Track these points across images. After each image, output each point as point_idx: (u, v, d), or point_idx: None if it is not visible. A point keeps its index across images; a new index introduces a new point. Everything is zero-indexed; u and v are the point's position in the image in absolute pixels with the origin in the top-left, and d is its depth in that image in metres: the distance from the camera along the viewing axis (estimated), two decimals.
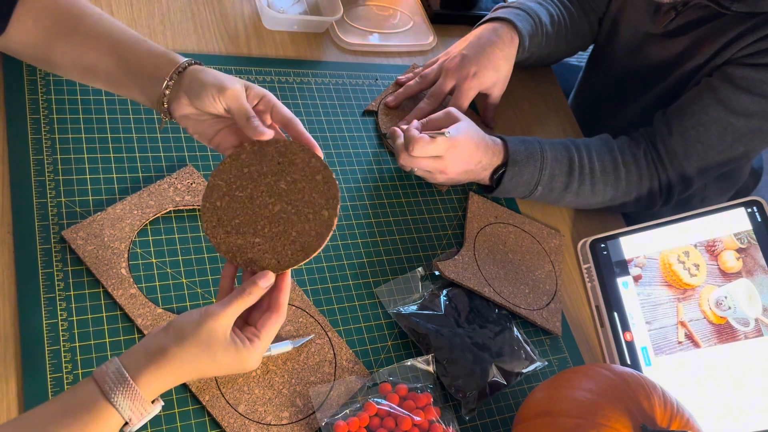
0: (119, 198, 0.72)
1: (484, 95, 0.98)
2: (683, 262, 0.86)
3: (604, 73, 1.14)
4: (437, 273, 0.82)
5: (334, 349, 0.73)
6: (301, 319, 0.73)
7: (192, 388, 0.65)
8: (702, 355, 0.81)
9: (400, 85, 0.99)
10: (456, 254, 0.85)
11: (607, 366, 0.69)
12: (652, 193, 0.95)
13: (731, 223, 0.84)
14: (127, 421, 0.52)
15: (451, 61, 0.93)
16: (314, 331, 0.73)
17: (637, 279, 0.89)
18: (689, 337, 0.83)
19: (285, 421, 0.66)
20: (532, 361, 0.79)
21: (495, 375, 0.75)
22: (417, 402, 0.70)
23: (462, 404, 0.73)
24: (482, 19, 1.00)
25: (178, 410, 0.64)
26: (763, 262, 0.80)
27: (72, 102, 0.77)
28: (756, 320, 0.79)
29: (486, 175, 0.89)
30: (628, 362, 0.85)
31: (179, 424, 0.63)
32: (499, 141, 0.89)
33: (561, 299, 0.89)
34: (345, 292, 0.78)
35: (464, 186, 0.95)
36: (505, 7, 1.00)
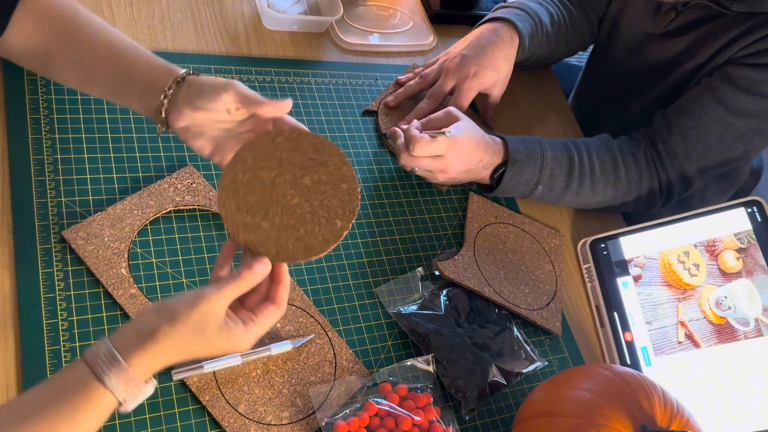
0: (119, 198, 0.72)
1: (484, 95, 0.98)
2: (683, 262, 0.86)
3: (604, 73, 1.14)
4: (437, 273, 0.82)
5: (334, 349, 0.73)
6: (301, 319, 0.73)
7: (192, 388, 0.65)
8: (702, 355, 0.81)
9: (400, 85, 0.99)
10: (456, 254, 0.85)
11: (607, 366, 0.69)
12: (652, 193, 0.95)
13: (731, 223, 0.84)
14: (121, 402, 0.52)
15: (451, 61, 0.93)
16: (314, 331, 0.73)
17: (637, 279, 0.89)
18: (689, 337, 0.83)
19: (285, 421, 0.66)
20: (532, 361, 0.79)
21: (495, 375, 0.75)
22: (417, 402, 0.70)
23: (462, 404, 0.73)
24: (482, 19, 1.00)
25: (178, 410, 0.64)
26: (763, 262, 0.80)
27: (72, 102, 0.77)
28: (756, 320, 0.79)
29: (486, 174, 0.89)
30: (628, 362, 0.85)
31: (179, 424, 0.63)
32: (499, 140, 0.89)
33: (561, 299, 0.89)
34: (345, 292, 0.78)
35: (464, 186, 0.95)
36: (505, 7, 1.00)
